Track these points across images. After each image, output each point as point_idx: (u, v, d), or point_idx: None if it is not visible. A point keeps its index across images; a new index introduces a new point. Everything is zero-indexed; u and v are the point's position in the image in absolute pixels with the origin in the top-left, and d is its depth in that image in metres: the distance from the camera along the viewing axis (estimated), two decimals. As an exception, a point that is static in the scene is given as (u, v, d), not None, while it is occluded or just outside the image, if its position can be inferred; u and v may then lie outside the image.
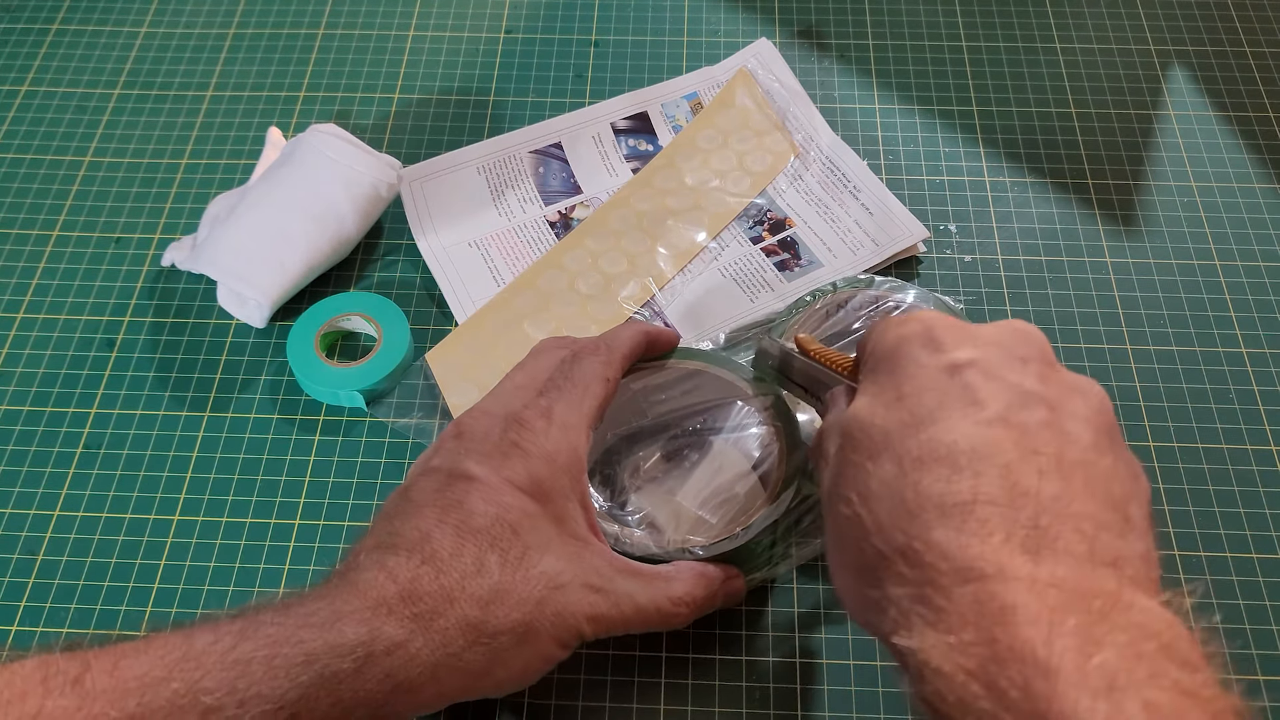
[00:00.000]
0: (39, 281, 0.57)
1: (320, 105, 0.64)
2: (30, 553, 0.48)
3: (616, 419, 0.46)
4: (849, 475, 0.32)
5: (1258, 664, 0.44)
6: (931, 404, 0.31)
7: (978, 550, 0.27)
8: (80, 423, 0.52)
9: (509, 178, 0.60)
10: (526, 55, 0.66)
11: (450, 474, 0.37)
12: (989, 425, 0.30)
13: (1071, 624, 0.25)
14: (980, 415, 0.30)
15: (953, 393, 0.31)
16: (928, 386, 0.32)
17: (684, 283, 0.55)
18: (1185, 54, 0.66)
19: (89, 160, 0.62)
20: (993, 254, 0.57)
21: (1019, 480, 0.29)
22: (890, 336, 0.34)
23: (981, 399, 0.31)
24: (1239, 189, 0.60)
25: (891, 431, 0.31)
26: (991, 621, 0.26)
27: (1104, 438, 0.31)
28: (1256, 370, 0.53)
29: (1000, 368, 0.32)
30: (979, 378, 0.31)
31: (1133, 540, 0.29)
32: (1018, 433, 0.30)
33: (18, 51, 0.67)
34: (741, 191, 0.59)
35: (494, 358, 0.52)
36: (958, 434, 0.30)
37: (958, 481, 0.29)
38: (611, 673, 0.45)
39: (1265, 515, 0.48)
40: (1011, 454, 0.29)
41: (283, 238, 0.53)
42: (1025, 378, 0.32)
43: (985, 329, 0.34)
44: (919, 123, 0.63)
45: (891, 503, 0.30)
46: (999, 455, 0.29)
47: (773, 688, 0.44)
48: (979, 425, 0.30)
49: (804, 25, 0.68)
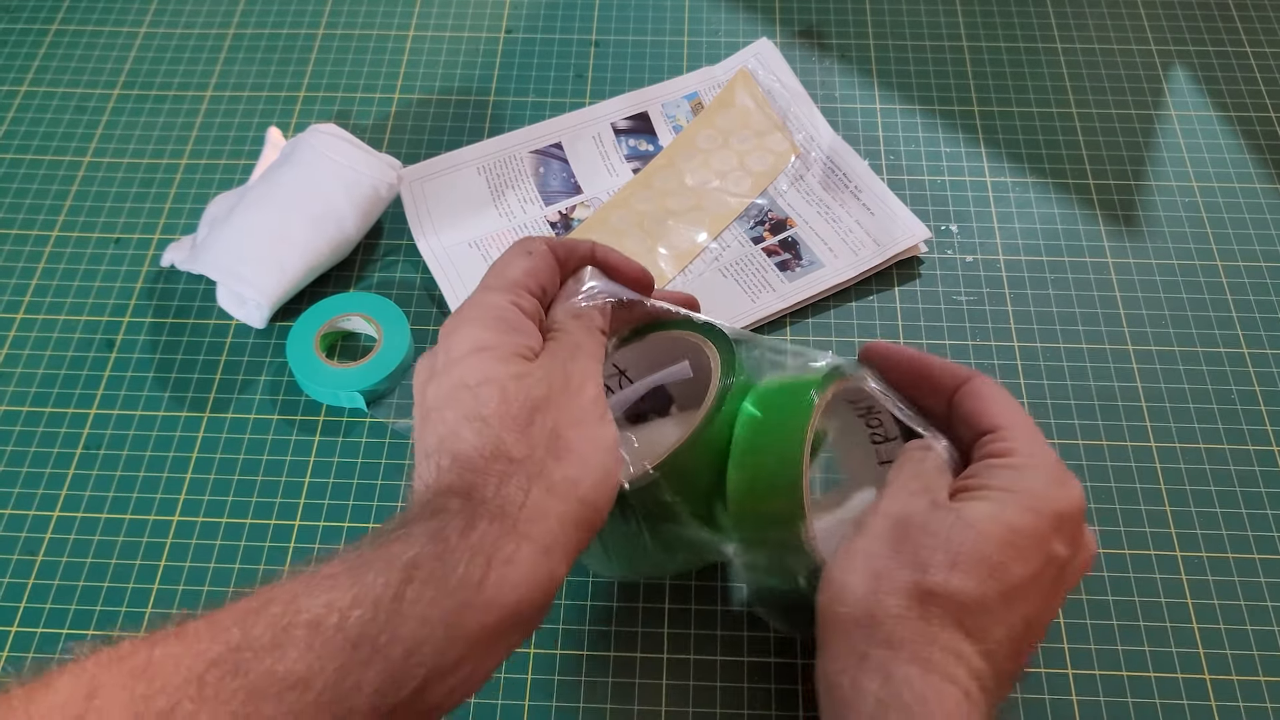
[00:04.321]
0: (38, 282, 0.57)
1: (320, 105, 0.64)
2: (30, 553, 0.48)
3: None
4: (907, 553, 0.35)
5: (1258, 664, 0.44)
6: (1022, 574, 0.35)
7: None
8: (80, 423, 0.52)
9: (509, 178, 0.60)
10: (527, 55, 0.66)
11: (420, 406, 0.38)
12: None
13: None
14: (1028, 607, 0.35)
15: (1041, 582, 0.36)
16: (1034, 558, 0.35)
17: (685, 283, 0.55)
18: (1185, 54, 0.66)
19: (89, 160, 0.62)
20: (994, 254, 0.57)
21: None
22: (1066, 497, 0.37)
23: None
24: (1239, 189, 0.60)
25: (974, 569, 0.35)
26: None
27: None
28: (1258, 370, 0.53)
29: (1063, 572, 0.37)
30: (1055, 577, 0.36)
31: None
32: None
33: (18, 51, 0.67)
34: (742, 192, 0.59)
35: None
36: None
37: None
38: (613, 674, 0.45)
39: (1267, 515, 0.48)
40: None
41: (282, 238, 0.53)
42: (1058, 604, 0.38)
43: (1088, 534, 0.38)
44: (920, 123, 0.63)
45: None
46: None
47: (774, 688, 0.44)
48: (1022, 613, 0.35)
49: (804, 25, 0.68)
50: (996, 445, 0.37)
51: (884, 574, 0.35)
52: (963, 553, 0.34)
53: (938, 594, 0.34)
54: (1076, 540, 0.36)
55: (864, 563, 0.36)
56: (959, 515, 0.35)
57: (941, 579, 0.34)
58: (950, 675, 0.33)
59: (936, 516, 0.36)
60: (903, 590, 0.34)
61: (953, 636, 0.34)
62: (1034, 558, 0.35)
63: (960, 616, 0.34)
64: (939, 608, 0.34)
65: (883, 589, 0.35)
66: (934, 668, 0.33)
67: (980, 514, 0.35)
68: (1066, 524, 0.36)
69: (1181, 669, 0.44)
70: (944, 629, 0.34)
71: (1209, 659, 0.45)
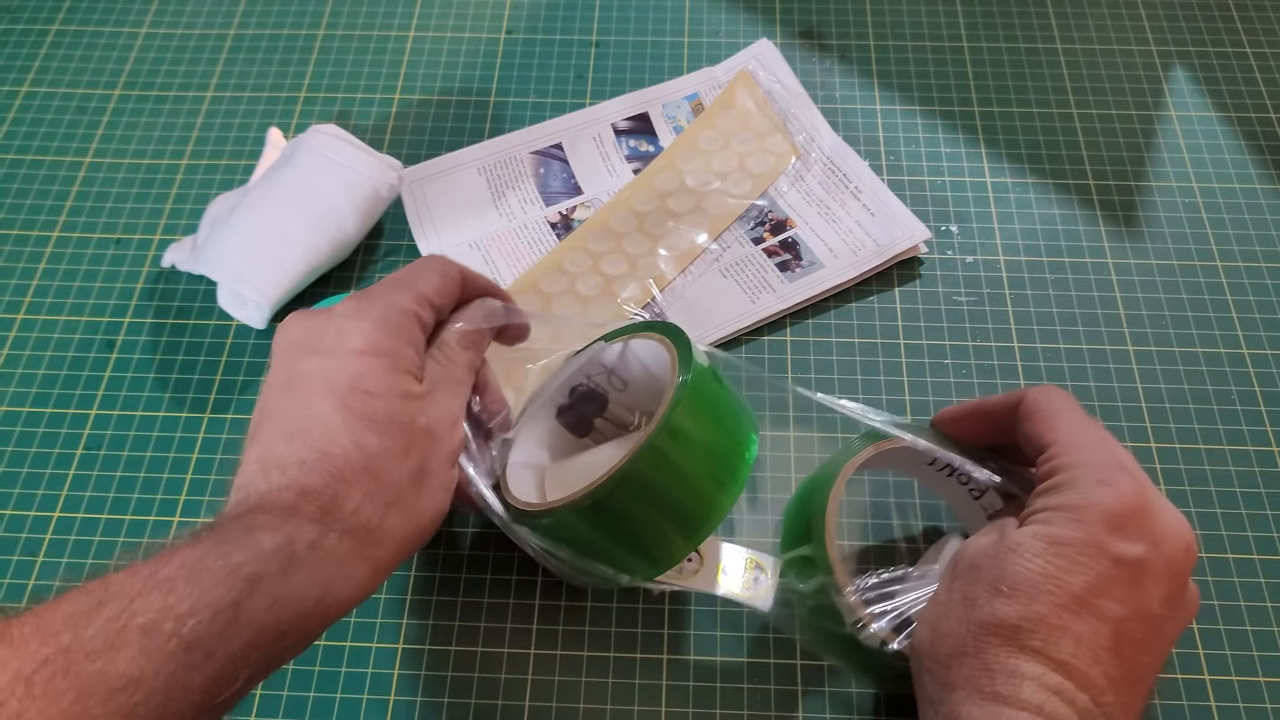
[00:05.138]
0: (39, 282, 0.57)
1: (320, 106, 0.64)
2: (30, 554, 0.48)
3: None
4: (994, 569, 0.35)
5: (1259, 665, 0.44)
6: (1082, 583, 0.34)
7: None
8: (80, 424, 0.52)
9: (509, 179, 0.60)
10: (527, 56, 0.66)
11: (289, 373, 0.37)
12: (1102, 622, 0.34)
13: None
14: (1106, 612, 0.34)
15: (1113, 584, 0.35)
16: (1092, 564, 0.34)
17: (685, 284, 0.55)
18: (1185, 54, 0.66)
19: (89, 161, 0.62)
20: (994, 254, 0.57)
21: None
22: (1115, 495, 0.36)
23: (1118, 599, 0.34)
24: (1239, 189, 0.60)
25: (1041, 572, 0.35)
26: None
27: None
28: (1258, 370, 0.53)
29: (1149, 585, 0.35)
30: (1131, 576, 0.35)
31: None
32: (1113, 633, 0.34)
33: (18, 52, 0.67)
34: (743, 193, 0.59)
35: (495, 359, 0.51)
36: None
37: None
38: (613, 675, 0.45)
39: (1267, 516, 0.48)
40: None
41: (283, 239, 0.53)
42: (1156, 601, 0.35)
43: (1166, 521, 0.36)
44: (920, 123, 0.63)
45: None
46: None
47: (774, 689, 0.44)
48: (1100, 620, 0.34)
49: (805, 26, 0.68)
50: (1045, 467, 0.37)
51: (942, 618, 0.36)
52: (1006, 578, 0.34)
53: (987, 624, 0.34)
54: (1147, 533, 0.35)
55: (928, 612, 0.37)
56: (1005, 545, 0.36)
57: (987, 610, 0.34)
58: (1017, 700, 0.33)
59: (988, 552, 0.36)
60: (958, 631, 0.35)
61: (1015, 661, 0.33)
62: (1091, 564, 0.34)
63: (1017, 640, 0.33)
64: (994, 637, 0.34)
65: (942, 632, 0.35)
66: (998, 699, 0.33)
67: (1023, 537, 0.35)
68: (1126, 521, 0.35)
69: (1181, 669, 0.44)
70: (1003, 657, 0.33)
71: (1209, 659, 0.45)
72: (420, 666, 0.45)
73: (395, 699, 0.44)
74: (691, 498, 0.38)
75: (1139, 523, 0.35)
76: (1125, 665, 0.34)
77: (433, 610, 0.46)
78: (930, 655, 0.35)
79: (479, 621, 0.46)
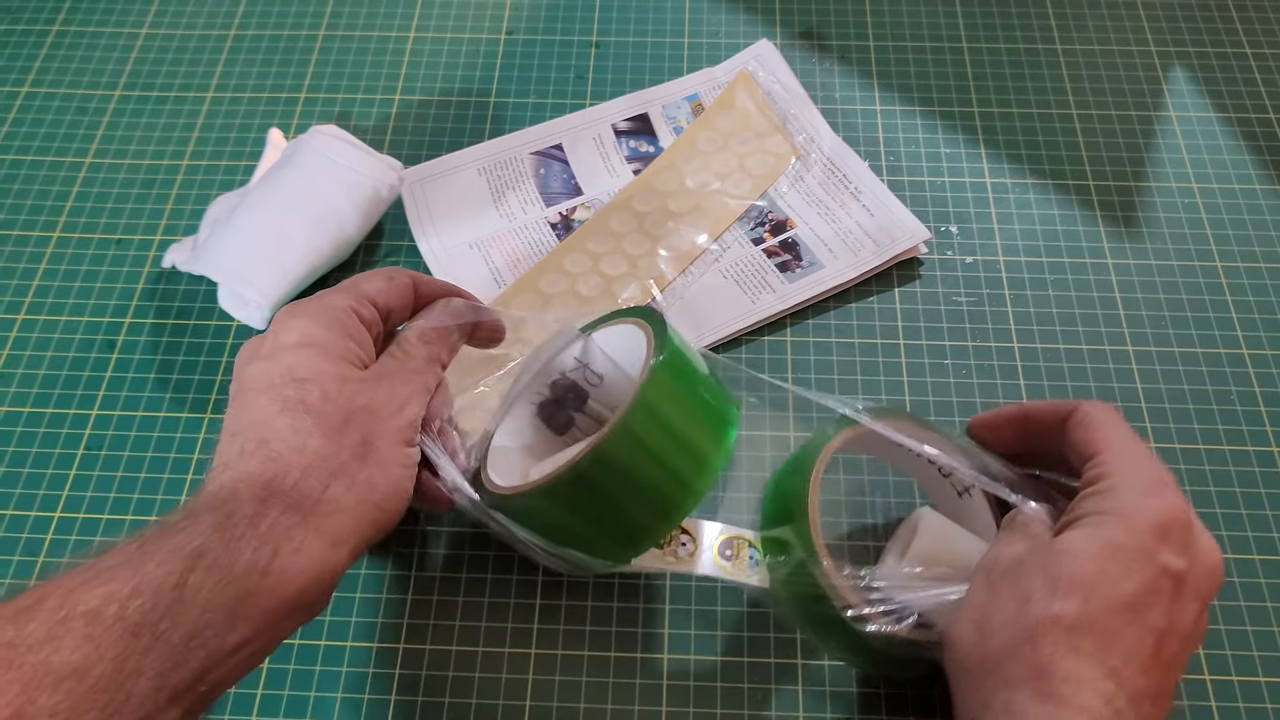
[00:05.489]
0: (39, 283, 0.57)
1: (321, 106, 0.64)
2: (31, 554, 0.48)
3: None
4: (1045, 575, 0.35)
5: (1259, 665, 0.44)
6: (1131, 589, 0.34)
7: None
8: (81, 424, 0.52)
9: (510, 179, 0.60)
10: (527, 56, 0.66)
11: (237, 384, 0.39)
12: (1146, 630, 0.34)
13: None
14: (1150, 622, 0.34)
15: (1158, 595, 0.35)
16: (1142, 570, 0.35)
17: (685, 284, 0.55)
18: (1185, 54, 0.66)
19: (89, 161, 0.62)
20: (993, 255, 0.57)
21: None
22: (1162, 506, 0.36)
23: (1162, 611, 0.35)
24: (1239, 189, 0.60)
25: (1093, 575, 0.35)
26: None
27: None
28: (1258, 371, 0.53)
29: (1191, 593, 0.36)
30: (1174, 589, 0.35)
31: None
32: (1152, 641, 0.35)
33: (18, 53, 0.67)
34: (743, 193, 0.59)
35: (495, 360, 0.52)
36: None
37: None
38: (613, 675, 0.45)
39: (1266, 516, 0.48)
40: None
41: (283, 239, 0.53)
42: (1190, 617, 0.36)
43: (1204, 542, 0.37)
44: (920, 124, 0.63)
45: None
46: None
47: (774, 689, 0.44)
48: (1145, 630, 0.34)
49: (804, 26, 0.68)
50: (1092, 473, 0.38)
51: (989, 616, 0.35)
52: (1062, 578, 0.34)
53: (1044, 621, 0.34)
54: (1188, 548, 0.36)
55: (969, 612, 0.36)
56: (1054, 546, 0.36)
57: (1043, 606, 0.34)
58: (1075, 703, 0.32)
59: (1034, 553, 0.36)
60: (1010, 628, 0.34)
61: (1072, 662, 0.33)
62: (1140, 571, 0.34)
63: (1074, 640, 0.33)
64: (1050, 636, 0.33)
65: (990, 631, 0.35)
66: (1057, 700, 0.33)
67: (1074, 539, 0.35)
68: (1172, 533, 0.35)
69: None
70: (1059, 656, 0.33)
71: (1209, 659, 0.45)
72: (421, 666, 0.45)
73: (396, 699, 0.44)
74: (666, 478, 0.38)
75: (1182, 537, 0.35)
76: (1157, 680, 0.34)
77: (433, 610, 0.46)
78: (979, 653, 0.35)
79: (480, 621, 0.46)
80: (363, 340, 0.40)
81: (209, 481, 0.35)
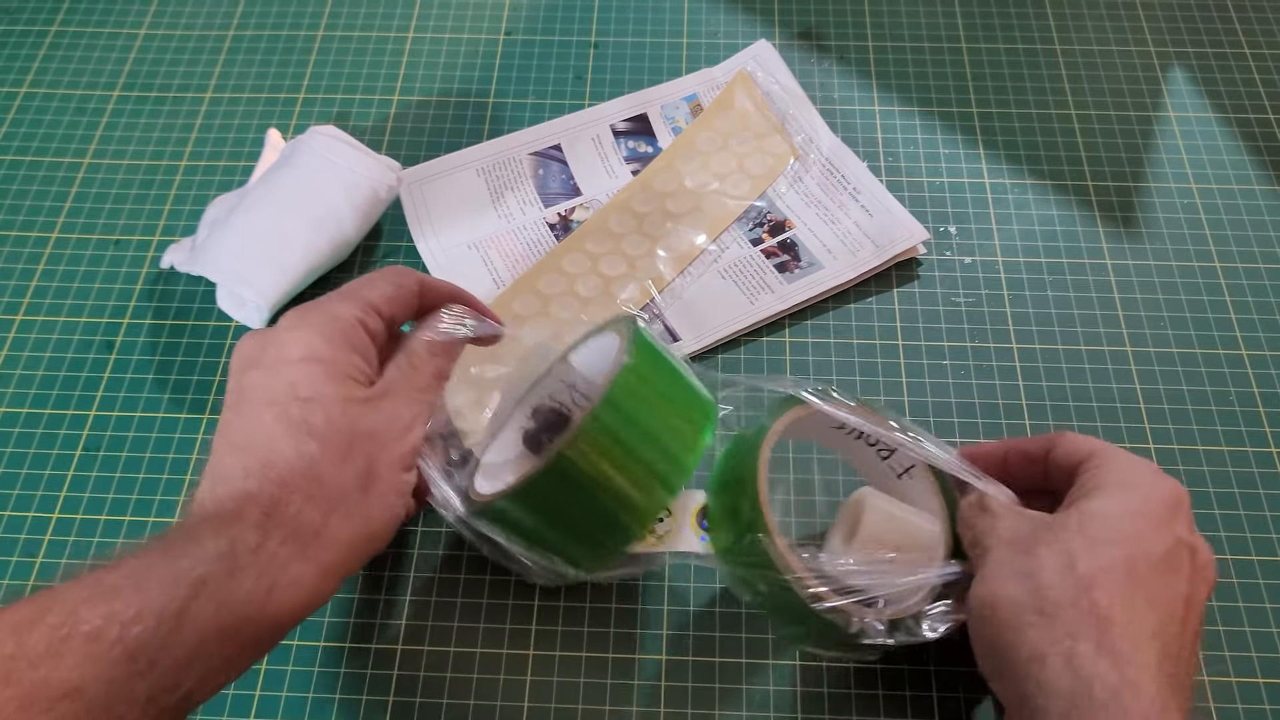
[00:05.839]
0: (38, 283, 0.57)
1: (320, 107, 0.64)
2: (29, 555, 0.48)
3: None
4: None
5: (1258, 666, 0.44)
6: (1161, 548, 0.36)
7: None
8: (79, 424, 0.52)
9: (508, 180, 0.60)
10: (526, 57, 0.66)
11: (237, 388, 0.38)
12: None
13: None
14: (1176, 588, 0.36)
15: (1179, 561, 0.36)
16: (1165, 536, 0.36)
17: (684, 285, 0.55)
18: (1185, 55, 0.66)
19: (88, 162, 0.62)
20: (993, 255, 0.57)
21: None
22: (1171, 487, 0.38)
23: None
24: (1239, 190, 0.60)
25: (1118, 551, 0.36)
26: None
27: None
28: (1257, 371, 0.53)
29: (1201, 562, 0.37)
30: (1190, 560, 0.37)
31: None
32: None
33: (17, 53, 0.67)
34: (741, 194, 0.59)
35: (495, 360, 0.52)
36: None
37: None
38: (611, 676, 0.45)
39: (1266, 517, 0.48)
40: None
41: (282, 240, 0.53)
42: (1202, 591, 0.37)
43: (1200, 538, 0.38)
44: (919, 124, 0.63)
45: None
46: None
47: (772, 689, 0.44)
48: (1174, 594, 0.36)
49: (803, 27, 0.68)
50: (1092, 464, 0.39)
51: (1035, 573, 0.36)
52: (1099, 536, 0.36)
53: (1096, 572, 0.35)
54: (1194, 530, 0.38)
55: (1009, 574, 0.36)
56: (1080, 509, 0.37)
57: (1090, 559, 0.35)
58: (1136, 661, 0.33)
59: (1059, 519, 0.37)
60: (1061, 583, 0.35)
61: (1127, 614, 0.34)
62: (1164, 534, 0.36)
63: (1126, 591, 0.34)
64: (1103, 586, 0.34)
65: (1041, 585, 0.35)
66: (1117, 656, 0.33)
67: (1101, 502, 0.37)
68: (1181, 510, 0.37)
69: (1180, 670, 0.44)
70: (1116, 606, 0.34)
71: (1208, 660, 0.45)
72: (419, 667, 0.45)
73: (394, 700, 0.44)
74: (638, 473, 0.38)
75: (1189, 517, 0.37)
76: (1188, 647, 0.35)
77: (431, 611, 0.46)
78: (1035, 604, 0.35)
79: (478, 622, 0.46)
80: (367, 353, 0.39)
81: (206, 492, 0.35)
